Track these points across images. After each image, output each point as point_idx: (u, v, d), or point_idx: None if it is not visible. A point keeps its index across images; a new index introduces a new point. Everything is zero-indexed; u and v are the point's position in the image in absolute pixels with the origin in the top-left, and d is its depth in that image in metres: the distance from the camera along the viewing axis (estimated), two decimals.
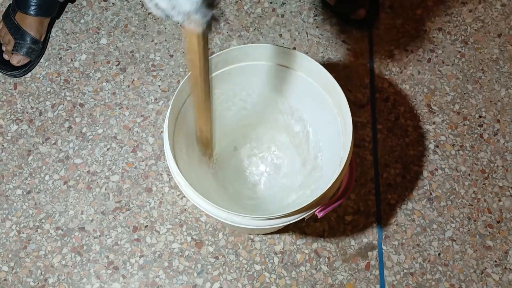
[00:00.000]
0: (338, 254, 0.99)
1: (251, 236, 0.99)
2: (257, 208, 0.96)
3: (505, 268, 0.98)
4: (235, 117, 0.95)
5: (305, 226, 1.00)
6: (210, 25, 0.53)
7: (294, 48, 1.14)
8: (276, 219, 0.70)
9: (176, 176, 0.73)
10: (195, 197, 0.71)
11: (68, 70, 1.13)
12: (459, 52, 1.16)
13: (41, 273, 0.97)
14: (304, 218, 0.73)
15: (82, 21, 1.18)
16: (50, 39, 1.16)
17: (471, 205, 1.03)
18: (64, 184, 1.03)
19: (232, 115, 0.95)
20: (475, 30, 1.18)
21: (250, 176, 0.99)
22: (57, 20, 1.18)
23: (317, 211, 0.73)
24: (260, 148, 1.01)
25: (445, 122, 1.09)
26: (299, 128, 0.94)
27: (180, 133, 0.80)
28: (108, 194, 1.03)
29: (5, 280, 0.96)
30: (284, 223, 0.71)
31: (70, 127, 1.08)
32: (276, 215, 0.69)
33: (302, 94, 0.86)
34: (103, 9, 1.19)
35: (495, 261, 0.99)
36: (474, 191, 1.04)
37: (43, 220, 1.01)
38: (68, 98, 1.11)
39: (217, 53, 0.78)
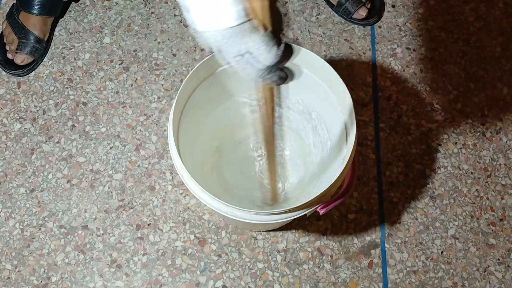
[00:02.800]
0: (341, 252, 0.99)
1: (254, 234, 1.00)
2: (260, 203, 0.96)
3: (508, 266, 0.98)
4: (240, 111, 0.96)
5: (308, 224, 1.00)
6: (284, 78, 0.53)
7: None
8: (277, 214, 0.70)
9: (179, 169, 0.73)
10: (198, 190, 0.71)
11: (71, 69, 1.14)
12: (462, 50, 1.16)
13: (44, 271, 0.97)
14: (306, 214, 0.73)
15: (86, 20, 1.19)
16: (54, 38, 1.17)
17: (474, 203, 1.03)
18: (67, 183, 1.04)
19: (237, 109, 0.95)
20: (478, 28, 1.18)
21: (254, 171, 1.00)
22: (60, 20, 1.19)
23: (319, 208, 0.73)
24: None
25: (448, 120, 1.09)
26: (304, 125, 0.94)
27: (185, 128, 0.81)
28: (111, 192, 1.03)
29: (8, 278, 0.96)
30: (286, 218, 0.71)
31: (73, 125, 1.09)
32: (277, 211, 0.69)
33: (307, 91, 0.86)
34: (106, 9, 1.20)
35: (498, 259, 0.99)
36: (476, 189, 1.04)
37: (46, 219, 1.01)
38: (72, 97, 1.11)
39: None
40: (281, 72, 0.52)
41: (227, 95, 0.90)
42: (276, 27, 0.49)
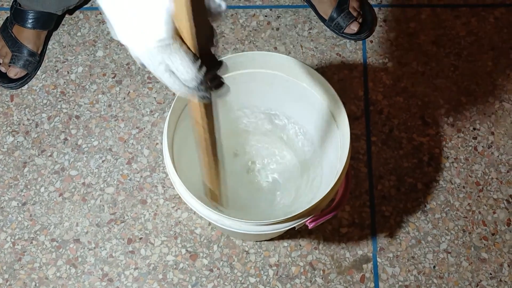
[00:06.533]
0: (333, 267, 0.98)
1: (246, 248, 0.99)
2: (254, 215, 0.96)
3: (500, 280, 0.98)
4: (237, 123, 0.96)
5: (300, 238, 1.00)
6: (217, 94, 0.51)
7: None
8: (266, 225, 0.70)
9: (172, 175, 0.73)
10: (188, 197, 0.72)
11: (64, 82, 1.14)
12: (453, 64, 1.17)
13: (35, 285, 0.97)
14: (294, 227, 0.73)
15: (79, 34, 1.19)
16: (47, 51, 1.17)
17: (466, 217, 1.03)
18: (59, 196, 1.04)
19: (234, 120, 0.95)
20: (469, 43, 1.19)
21: (249, 183, 1.00)
22: (54, 33, 1.19)
23: (308, 221, 0.73)
24: (261, 156, 1.01)
25: (439, 134, 1.10)
26: (300, 138, 0.95)
27: (180, 137, 0.81)
28: (103, 206, 1.03)
29: None
30: (274, 230, 0.71)
31: (66, 139, 1.09)
32: (266, 222, 0.69)
33: (304, 105, 0.86)
34: (100, 22, 1.20)
35: (490, 274, 0.99)
36: (468, 203, 1.04)
37: (38, 232, 1.01)
38: (64, 110, 1.11)
39: (223, 58, 0.78)
40: (205, 92, 0.50)
41: (223, 105, 0.90)
42: (204, 45, 0.47)
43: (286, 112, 0.93)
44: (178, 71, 0.47)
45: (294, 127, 0.95)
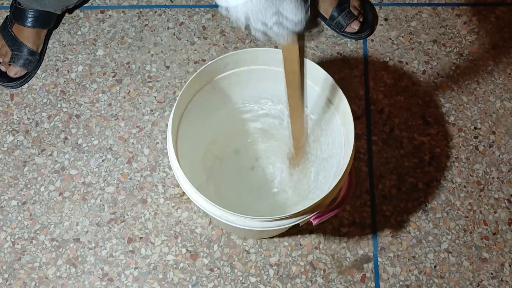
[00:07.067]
0: (334, 266, 0.98)
1: (247, 248, 0.99)
2: (257, 212, 0.96)
3: (502, 280, 0.98)
4: (239, 119, 0.96)
5: (300, 238, 1.00)
6: (312, 35, 0.58)
7: None
8: (271, 221, 0.70)
9: (176, 170, 0.73)
10: (192, 192, 0.71)
11: (64, 81, 1.14)
12: (454, 63, 1.17)
13: (35, 285, 0.97)
14: (299, 224, 0.73)
15: (79, 32, 1.19)
16: (47, 50, 1.17)
17: (467, 217, 1.03)
18: (59, 195, 1.03)
19: (237, 117, 0.95)
20: (470, 42, 1.19)
21: (251, 180, 1.00)
22: (54, 32, 1.19)
23: (312, 218, 0.73)
24: (265, 153, 1.01)
25: (440, 133, 1.10)
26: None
27: (183, 132, 0.81)
28: (103, 205, 1.03)
29: None
30: (279, 226, 0.71)
31: (66, 138, 1.08)
32: (271, 218, 0.69)
33: (309, 103, 0.86)
34: (100, 21, 1.20)
35: (491, 274, 0.98)
36: (469, 203, 1.04)
37: (38, 231, 1.01)
38: (64, 109, 1.11)
39: (228, 54, 0.78)
40: (310, 31, 0.56)
41: (227, 102, 0.90)
42: None
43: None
44: (290, 17, 0.52)
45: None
